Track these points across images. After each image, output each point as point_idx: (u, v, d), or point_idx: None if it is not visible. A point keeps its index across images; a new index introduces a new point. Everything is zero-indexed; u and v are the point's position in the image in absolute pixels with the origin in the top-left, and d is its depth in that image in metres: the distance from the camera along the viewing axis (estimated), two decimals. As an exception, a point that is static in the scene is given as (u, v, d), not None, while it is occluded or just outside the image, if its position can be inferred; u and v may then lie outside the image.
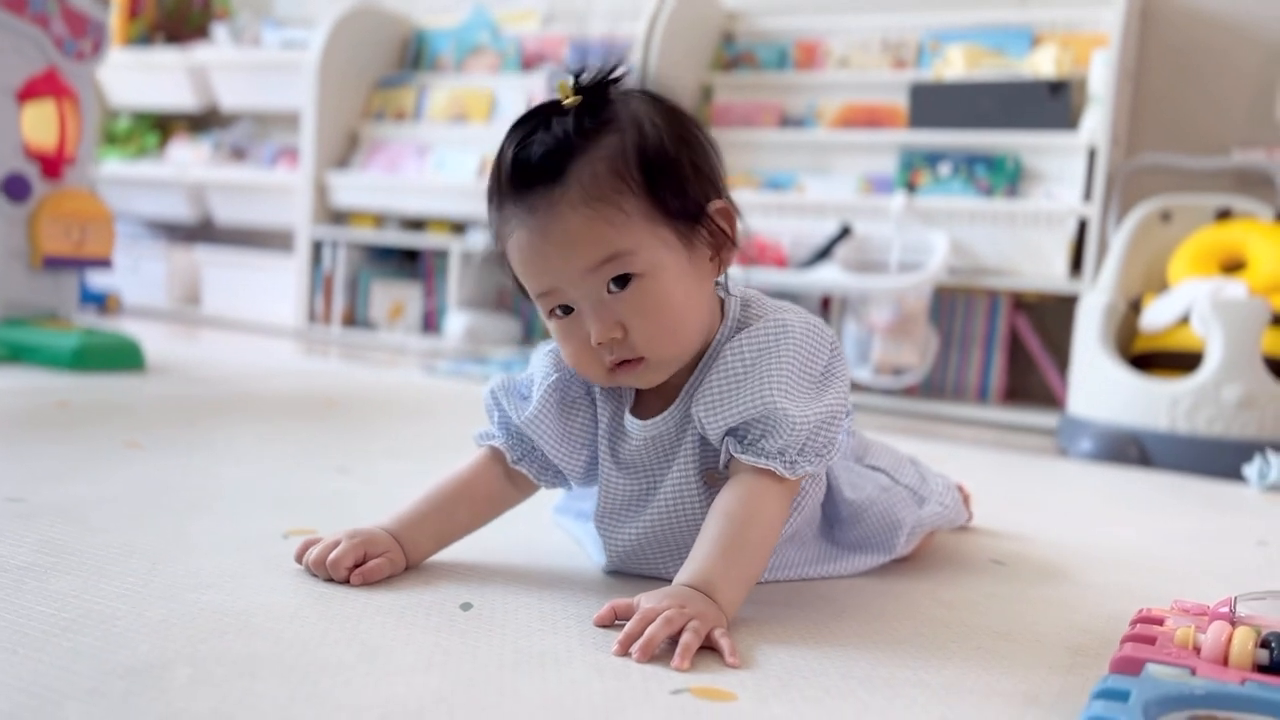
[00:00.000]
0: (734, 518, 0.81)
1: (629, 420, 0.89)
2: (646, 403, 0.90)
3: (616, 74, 0.82)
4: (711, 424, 0.84)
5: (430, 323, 3.32)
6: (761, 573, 0.83)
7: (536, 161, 0.80)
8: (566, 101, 0.81)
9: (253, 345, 2.88)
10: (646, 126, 0.81)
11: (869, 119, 2.76)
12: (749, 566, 0.81)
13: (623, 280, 0.80)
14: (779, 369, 0.82)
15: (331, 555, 0.83)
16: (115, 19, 3.75)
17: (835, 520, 0.98)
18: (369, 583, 0.83)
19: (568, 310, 0.83)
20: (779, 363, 0.83)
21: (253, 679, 0.64)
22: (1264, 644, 0.71)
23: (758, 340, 0.84)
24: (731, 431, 0.83)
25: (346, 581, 0.83)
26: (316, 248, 3.36)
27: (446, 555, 0.92)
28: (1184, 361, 1.93)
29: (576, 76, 0.82)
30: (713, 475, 0.87)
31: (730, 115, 2.91)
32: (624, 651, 0.72)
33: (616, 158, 0.80)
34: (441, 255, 3.27)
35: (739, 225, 0.87)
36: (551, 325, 0.85)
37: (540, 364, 0.92)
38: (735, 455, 0.83)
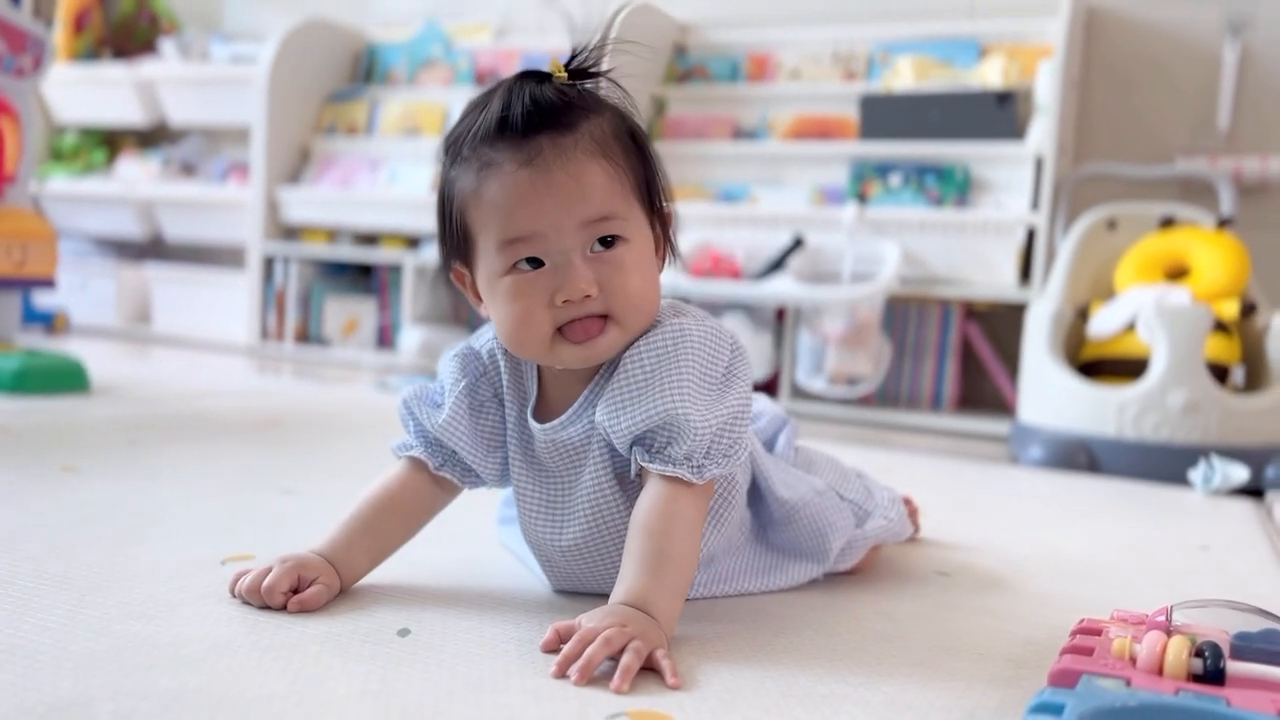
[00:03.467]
0: (653, 530, 0.80)
1: (531, 423, 0.88)
2: (548, 406, 0.89)
3: (599, 66, 0.85)
4: (615, 431, 0.83)
5: (385, 338, 3.29)
6: (691, 578, 0.82)
7: (547, 109, 0.80)
8: (558, 76, 0.82)
9: (203, 363, 2.84)
10: (630, 116, 0.85)
11: (820, 130, 2.78)
12: (678, 576, 0.80)
13: (606, 242, 0.81)
14: (679, 375, 0.82)
15: (265, 582, 0.82)
16: (60, 34, 3.69)
17: (768, 521, 0.98)
18: (307, 611, 0.82)
19: (533, 264, 0.81)
20: (678, 369, 0.82)
21: (179, 714, 0.63)
22: (1198, 653, 0.72)
23: (656, 347, 0.83)
24: (638, 440, 0.83)
25: (283, 608, 0.82)
26: (268, 264, 3.32)
27: (385, 578, 0.90)
28: (1130, 368, 1.96)
29: (570, 60, 0.84)
30: (625, 478, 0.87)
31: (683, 128, 2.92)
32: (562, 673, 0.72)
33: (619, 127, 0.83)
34: (395, 270, 3.24)
35: (674, 234, 0.90)
36: (504, 283, 0.81)
37: (448, 369, 0.91)
38: (643, 464, 0.82)
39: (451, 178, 0.84)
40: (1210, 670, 0.71)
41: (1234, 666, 0.71)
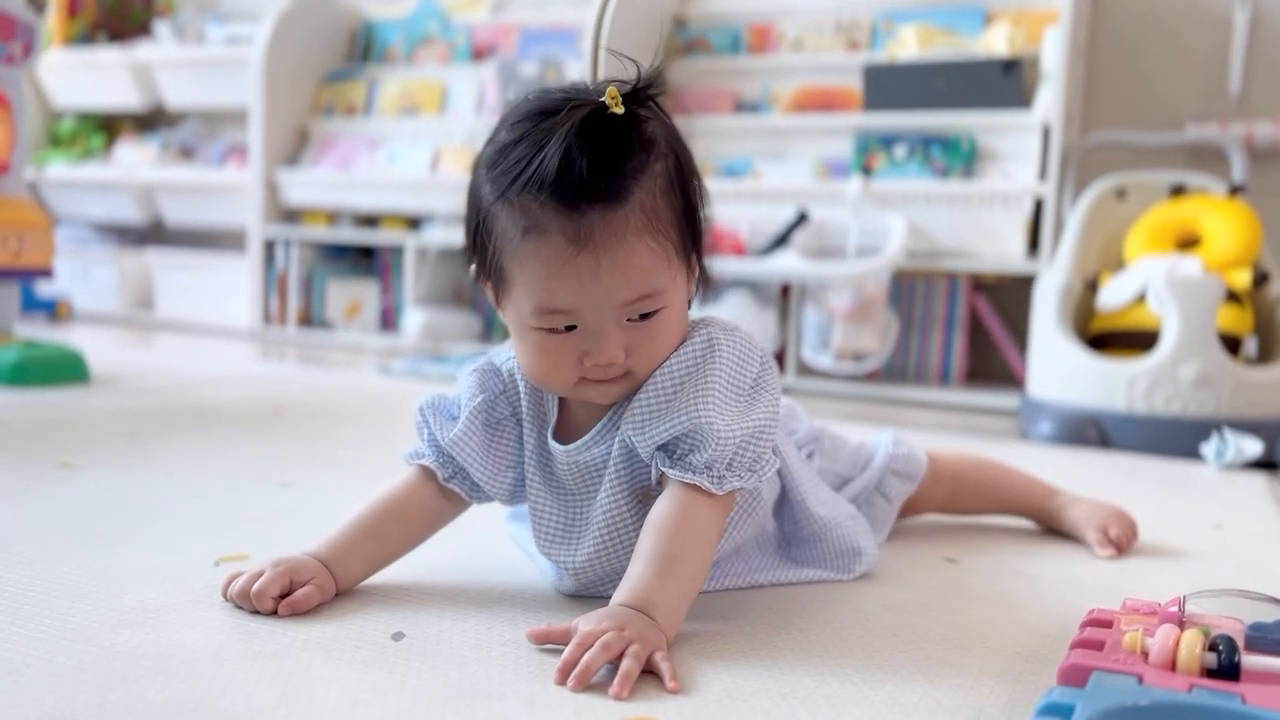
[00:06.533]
0: (666, 532, 0.79)
1: (552, 444, 0.87)
2: (570, 426, 0.88)
3: (654, 89, 0.80)
4: (640, 441, 0.82)
5: (388, 320, 3.27)
6: (699, 587, 0.81)
7: (602, 176, 0.75)
8: (614, 109, 0.77)
9: (206, 350, 2.83)
10: (681, 152, 0.82)
11: (824, 102, 2.74)
12: (686, 582, 0.79)
13: (644, 314, 0.79)
14: (707, 386, 0.81)
15: (256, 586, 0.80)
16: (54, 18, 3.66)
17: (793, 537, 0.96)
18: (298, 613, 0.80)
19: (568, 328, 0.79)
20: (707, 380, 0.81)
21: (164, 729, 0.61)
22: (1212, 647, 0.70)
23: (686, 359, 0.82)
24: (661, 447, 0.82)
25: (273, 613, 0.80)
26: (269, 247, 3.30)
27: (382, 575, 0.89)
28: (1141, 340, 1.93)
29: (634, 88, 0.78)
30: (646, 493, 0.85)
31: (686, 102, 2.88)
32: (563, 680, 0.70)
33: (669, 185, 0.79)
34: (397, 251, 3.22)
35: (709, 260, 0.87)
36: (535, 337, 0.80)
37: (466, 385, 0.89)
38: (664, 470, 0.81)
39: (492, 208, 0.79)
40: (1225, 665, 0.69)
41: (1249, 660, 0.69)
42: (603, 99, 0.77)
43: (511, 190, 0.77)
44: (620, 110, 0.77)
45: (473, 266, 0.85)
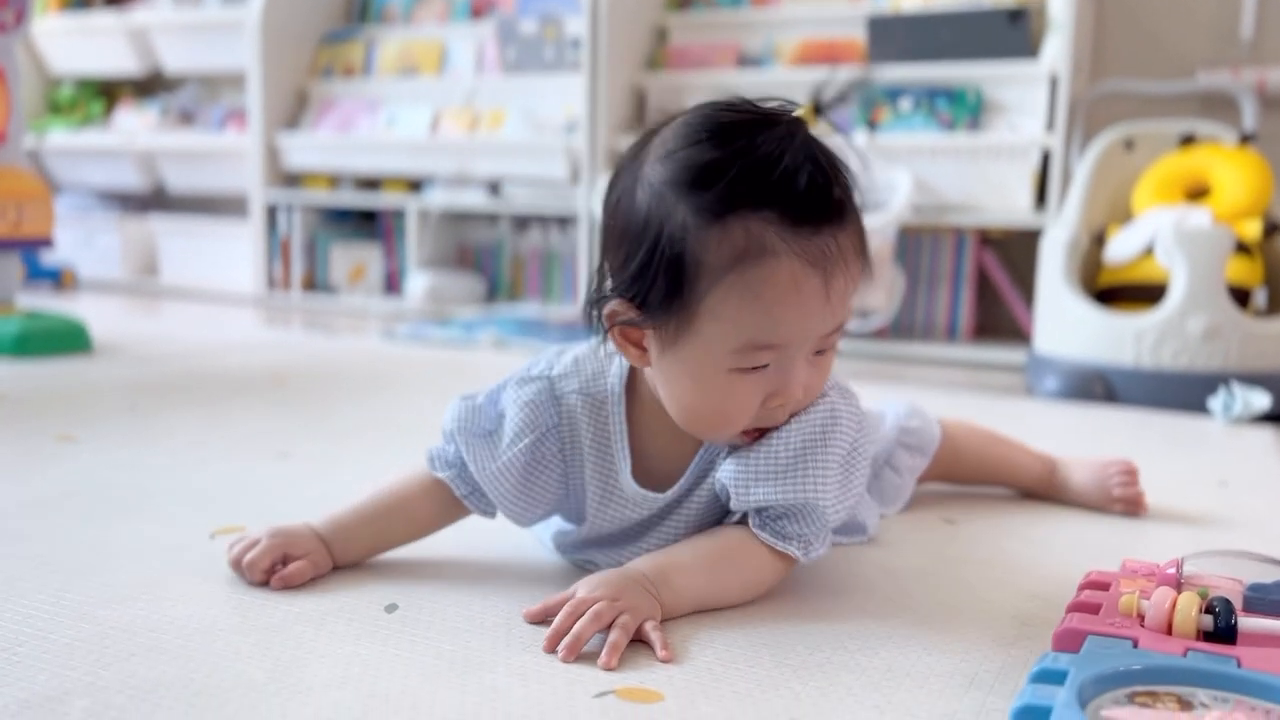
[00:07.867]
0: (727, 553, 0.78)
1: (631, 485, 0.82)
2: (648, 466, 0.83)
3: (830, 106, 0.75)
4: (742, 499, 0.79)
5: (393, 283, 3.26)
6: (715, 606, 0.79)
7: (843, 192, 0.71)
8: (810, 123, 0.73)
9: (211, 317, 2.83)
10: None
11: (827, 54, 2.69)
12: (711, 590, 0.78)
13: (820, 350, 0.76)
14: (827, 463, 0.78)
15: (248, 556, 0.80)
16: (50, -18, 3.62)
17: None
18: (290, 588, 0.80)
19: (759, 368, 0.74)
20: (825, 456, 0.78)
21: (155, 707, 0.61)
22: (1209, 609, 0.69)
23: (807, 429, 0.78)
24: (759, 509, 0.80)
25: (264, 583, 0.80)
26: (271, 212, 3.29)
27: (378, 548, 0.89)
28: (1149, 294, 1.91)
29: (818, 104, 0.74)
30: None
31: (687, 57, 2.84)
32: (552, 648, 0.70)
33: (859, 206, 0.75)
34: (399, 214, 3.20)
35: None
36: (724, 380, 0.73)
37: (514, 418, 0.82)
38: (756, 531, 0.79)
39: (694, 235, 0.70)
40: (1221, 628, 0.68)
41: (1246, 622, 0.69)
42: (794, 113, 0.72)
43: (736, 213, 0.69)
44: (815, 122, 0.73)
45: (612, 304, 0.76)
